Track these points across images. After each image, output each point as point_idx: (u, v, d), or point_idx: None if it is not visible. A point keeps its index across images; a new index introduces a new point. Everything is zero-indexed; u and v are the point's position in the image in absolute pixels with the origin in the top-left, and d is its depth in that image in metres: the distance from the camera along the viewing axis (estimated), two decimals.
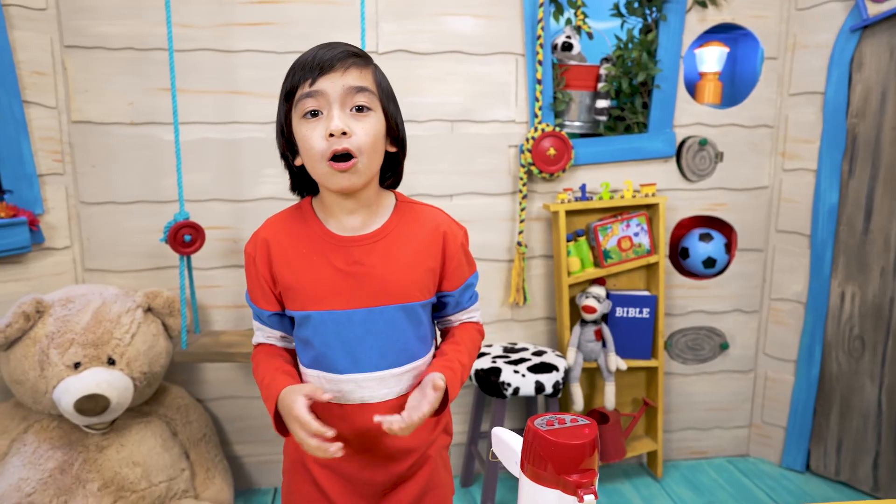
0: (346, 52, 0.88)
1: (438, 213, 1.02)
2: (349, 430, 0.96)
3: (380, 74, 0.93)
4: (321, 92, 0.86)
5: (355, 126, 0.87)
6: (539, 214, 2.01)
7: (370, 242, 0.94)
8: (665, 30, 1.94)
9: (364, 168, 0.89)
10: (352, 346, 0.94)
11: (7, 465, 1.55)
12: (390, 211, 0.98)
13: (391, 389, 0.97)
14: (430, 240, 0.97)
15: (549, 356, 1.87)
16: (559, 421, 0.54)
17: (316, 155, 0.87)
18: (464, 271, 1.03)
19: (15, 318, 1.52)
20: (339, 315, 0.93)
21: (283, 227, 0.97)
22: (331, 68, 0.86)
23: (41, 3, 1.70)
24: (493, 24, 1.89)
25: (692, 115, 2.03)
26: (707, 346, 2.17)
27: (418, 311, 0.97)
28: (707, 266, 2.09)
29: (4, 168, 1.67)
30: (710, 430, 2.24)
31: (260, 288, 0.98)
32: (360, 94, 0.88)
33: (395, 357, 0.96)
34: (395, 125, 0.95)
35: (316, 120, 0.87)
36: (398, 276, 0.94)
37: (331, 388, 0.96)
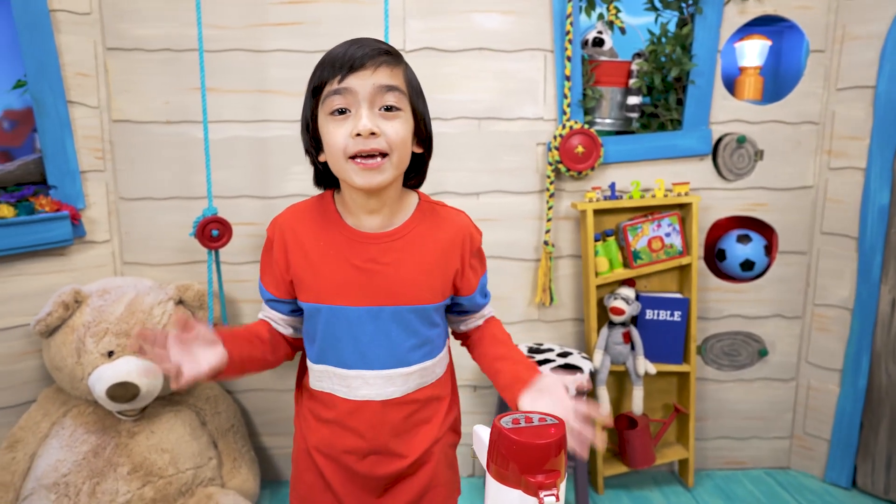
0: (378, 50, 0.86)
1: (462, 216, 1.01)
2: (355, 424, 0.97)
3: (410, 73, 0.92)
4: (350, 90, 0.85)
5: (384, 126, 0.85)
6: (567, 213, 1.97)
7: (388, 241, 0.93)
8: (701, 23, 1.88)
9: (391, 168, 0.87)
10: (361, 343, 0.94)
11: (47, 447, 1.63)
12: (412, 211, 0.97)
13: (398, 388, 0.96)
14: (450, 243, 0.96)
15: (574, 358, 1.84)
16: (526, 420, 0.53)
17: (341, 153, 0.86)
18: (477, 273, 1.02)
19: (55, 307, 1.60)
20: (349, 311, 0.93)
21: (304, 217, 0.97)
22: (361, 66, 0.84)
23: (85, 8, 1.79)
24: (522, 21, 1.86)
25: (730, 111, 1.95)
26: (744, 352, 2.08)
27: (431, 313, 0.97)
28: (745, 269, 2.00)
29: (49, 165, 1.76)
30: (748, 439, 2.14)
31: (272, 273, 0.98)
32: (390, 93, 0.86)
33: (404, 356, 0.96)
34: (423, 126, 0.93)
35: (343, 118, 0.86)
36: (413, 278, 0.93)
37: (338, 381, 0.96)
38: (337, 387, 0.97)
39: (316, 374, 0.99)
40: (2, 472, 1.62)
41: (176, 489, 1.63)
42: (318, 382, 0.99)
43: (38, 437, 1.66)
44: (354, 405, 0.96)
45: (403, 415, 0.98)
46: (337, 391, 0.97)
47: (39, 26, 1.70)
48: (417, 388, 0.98)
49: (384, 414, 0.96)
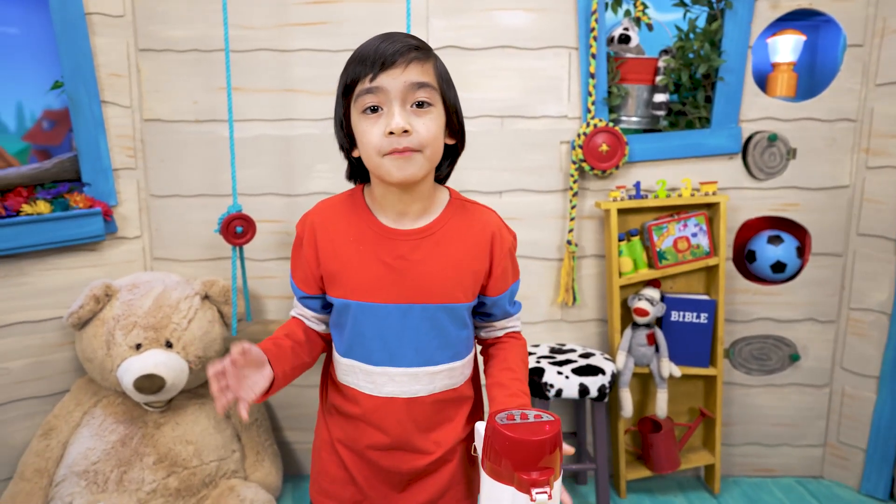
0: (408, 46, 0.86)
1: (491, 214, 1.00)
2: (380, 420, 0.97)
3: (441, 65, 0.91)
4: (381, 88, 0.85)
5: (416, 123, 0.86)
6: (591, 213, 1.95)
7: (418, 238, 0.93)
8: (731, 18, 1.83)
9: (424, 161, 0.88)
10: (388, 339, 0.94)
11: (78, 435, 1.69)
12: (442, 208, 0.96)
13: (424, 387, 0.96)
14: (479, 241, 0.95)
15: (596, 359, 1.81)
16: (522, 416, 0.52)
17: (375, 151, 0.87)
18: (508, 278, 1.01)
19: (86, 300, 1.66)
20: (378, 308, 0.93)
21: (334, 213, 0.97)
22: (392, 63, 0.84)
23: (119, 10, 1.84)
24: (546, 18, 1.85)
25: (761, 108, 1.90)
26: (774, 357, 2.02)
27: (460, 312, 0.96)
28: (776, 271, 1.95)
29: (84, 163, 1.82)
30: (777, 446, 2.08)
31: (302, 269, 0.98)
32: (422, 89, 0.86)
33: (431, 355, 0.95)
34: (455, 118, 0.93)
35: (376, 116, 0.86)
36: (443, 275, 0.93)
37: (364, 377, 0.96)
38: (362, 382, 0.97)
39: (343, 368, 0.99)
40: (37, 459, 1.68)
41: (200, 480, 1.67)
42: (345, 377, 0.99)
43: (70, 426, 1.72)
44: (379, 402, 0.96)
45: (428, 414, 0.97)
46: (362, 387, 0.97)
47: (76, 29, 1.76)
48: (444, 390, 0.98)
49: (409, 412, 0.96)
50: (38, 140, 1.95)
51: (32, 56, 1.84)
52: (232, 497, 1.65)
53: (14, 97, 1.87)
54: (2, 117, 1.87)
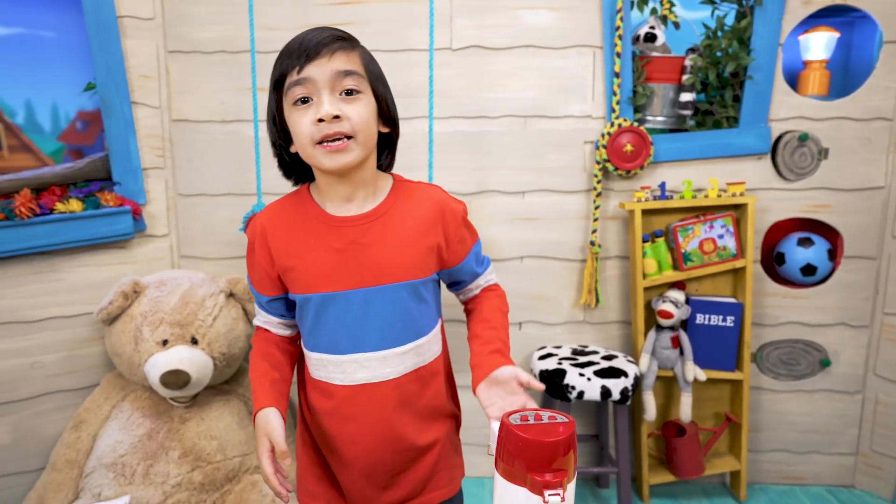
0: (332, 37, 0.88)
1: (436, 189, 1.02)
2: (357, 409, 0.97)
3: (367, 56, 0.94)
4: (309, 79, 0.87)
5: (346, 109, 0.88)
6: (615, 213, 1.93)
7: (366, 222, 0.95)
8: (761, 15, 1.79)
9: (357, 148, 0.89)
10: (352, 326, 0.95)
11: (107, 428, 1.73)
12: (387, 192, 0.99)
13: (394, 368, 0.97)
14: (428, 218, 0.97)
15: (619, 361, 1.79)
16: (535, 417, 0.52)
17: (307, 140, 0.88)
18: (466, 244, 1.03)
19: (115, 296, 1.69)
20: (337, 296, 0.94)
21: (280, 212, 0.99)
22: (317, 54, 0.87)
23: (149, 13, 1.88)
24: (570, 17, 1.83)
25: (792, 107, 1.85)
26: (804, 362, 1.97)
27: (419, 288, 0.97)
28: (806, 274, 1.90)
29: (115, 162, 1.86)
30: (807, 454, 2.03)
31: (258, 273, 1.00)
32: (349, 77, 0.88)
33: (397, 336, 0.96)
34: (385, 106, 0.95)
35: (306, 106, 0.88)
36: (396, 255, 0.95)
37: (333, 368, 0.97)
38: (333, 374, 0.98)
39: (313, 363, 1.00)
40: (68, 450, 1.72)
41: (223, 475, 1.69)
42: (316, 371, 1.00)
43: (100, 419, 1.76)
44: (351, 390, 0.97)
45: (402, 396, 0.98)
46: (334, 378, 0.98)
47: (108, 32, 1.80)
48: (414, 368, 0.99)
49: (383, 396, 0.97)
50: (72, 140, 2.00)
51: (67, 59, 1.89)
52: (254, 492, 1.67)
53: (49, 99, 1.92)
54: (38, 118, 1.92)
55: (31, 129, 1.91)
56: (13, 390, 1.77)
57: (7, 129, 1.89)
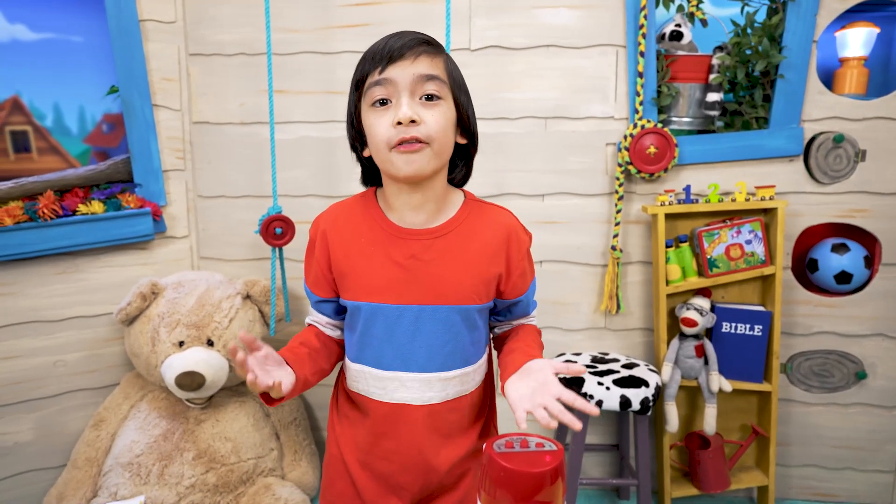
0: (417, 40, 0.86)
1: (508, 215, 0.97)
2: (391, 428, 0.95)
3: (451, 64, 0.90)
4: (390, 80, 0.84)
5: (425, 114, 0.84)
6: (637, 217, 1.87)
7: (431, 238, 0.91)
8: (794, 11, 1.71)
9: (431, 155, 0.86)
10: (400, 343, 0.92)
11: (125, 428, 1.75)
12: (457, 208, 0.95)
13: (436, 393, 0.94)
14: (495, 243, 0.93)
15: (640, 370, 1.74)
16: (522, 443, 0.48)
17: (382, 143, 0.85)
18: (526, 279, 0.98)
19: (134, 297, 1.71)
20: (389, 309, 0.91)
21: (345, 214, 0.96)
22: (400, 56, 0.84)
23: (171, 17, 1.90)
24: (592, 15, 1.78)
25: (826, 107, 1.77)
26: (838, 374, 1.88)
27: (474, 315, 0.93)
28: (840, 281, 1.81)
29: (136, 164, 1.89)
30: (841, 470, 1.94)
31: (315, 272, 0.98)
32: (431, 82, 0.85)
33: (444, 360, 0.93)
34: (465, 116, 0.91)
35: (384, 108, 0.85)
36: (456, 277, 0.91)
37: (374, 383, 0.94)
38: (373, 389, 0.95)
39: (353, 374, 0.98)
40: (88, 448, 1.75)
41: (237, 477, 1.69)
42: (355, 383, 0.98)
43: (118, 418, 1.78)
44: (390, 409, 0.94)
45: (440, 423, 0.95)
46: (373, 394, 0.95)
47: (130, 35, 1.83)
48: (456, 397, 0.95)
49: (420, 420, 0.94)
50: (98, 142, 2.03)
51: (93, 62, 1.92)
52: (267, 495, 1.67)
53: (77, 101, 1.95)
54: (65, 121, 1.96)
55: (58, 131, 1.95)
56: (37, 388, 1.80)
57: (36, 131, 1.93)
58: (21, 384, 1.78)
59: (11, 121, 1.88)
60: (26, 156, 1.90)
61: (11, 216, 1.67)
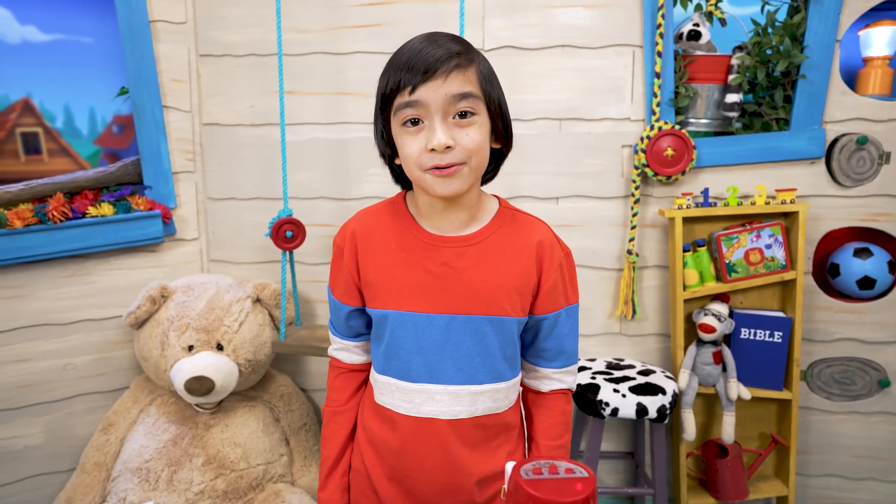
0: (449, 53, 0.80)
1: (543, 226, 0.94)
2: (418, 444, 0.91)
3: (484, 66, 0.86)
4: (421, 101, 0.80)
5: (459, 135, 0.82)
6: (654, 221, 1.83)
7: (464, 245, 0.89)
8: (816, 9, 1.67)
9: (469, 174, 0.84)
10: (429, 353, 0.89)
11: (134, 432, 1.73)
12: (491, 216, 0.92)
13: (465, 408, 0.90)
14: (529, 252, 0.90)
15: (656, 377, 1.70)
16: (551, 469, 0.45)
17: (415, 165, 0.83)
18: (559, 296, 0.93)
19: (143, 301, 1.69)
20: (419, 318, 0.88)
21: (374, 221, 0.94)
22: (433, 74, 0.79)
23: (181, 17, 1.88)
24: (608, 15, 1.75)
25: (850, 108, 1.72)
26: (860, 382, 1.83)
27: (507, 326, 0.90)
28: (863, 287, 1.77)
29: (146, 166, 1.87)
30: (863, 480, 1.89)
31: (344, 280, 0.95)
32: (464, 100, 0.81)
33: (475, 373, 0.89)
34: (500, 124, 0.88)
35: (416, 129, 0.82)
36: (489, 285, 0.88)
37: (400, 396, 0.91)
38: (399, 402, 0.92)
39: (379, 387, 0.95)
40: (97, 453, 1.73)
41: (246, 483, 1.67)
42: (381, 396, 0.95)
43: (127, 422, 1.77)
44: (416, 423, 0.91)
45: (469, 440, 0.91)
46: (399, 407, 0.92)
47: (140, 36, 1.81)
48: (487, 413, 0.91)
49: (448, 436, 0.90)
50: (108, 144, 2.02)
51: (104, 63, 1.91)
52: (277, 501, 1.64)
53: (87, 103, 1.94)
54: (76, 123, 1.94)
55: (69, 133, 1.93)
56: (47, 391, 1.79)
57: (47, 133, 1.92)
58: (31, 387, 1.77)
59: (22, 122, 1.87)
60: (37, 157, 1.89)
61: (21, 219, 1.66)
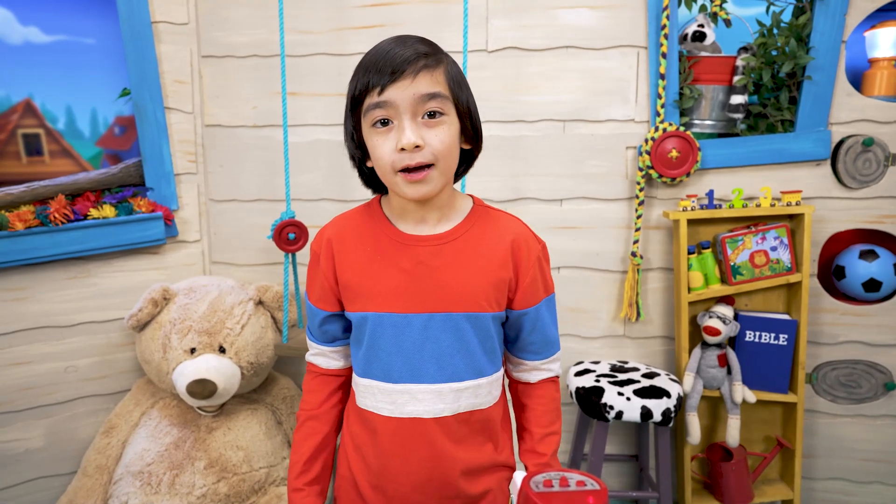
0: (416, 54, 0.82)
1: (516, 222, 0.95)
2: (401, 446, 0.91)
3: (452, 69, 0.87)
4: (390, 102, 0.82)
5: (428, 135, 0.83)
6: (658, 223, 1.82)
7: (439, 243, 0.89)
8: (822, 10, 1.66)
9: (438, 177, 0.85)
10: (409, 353, 0.89)
11: (136, 435, 1.72)
12: (465, 214, 0.93)
13: (448, 405, 0.90)
14: (504, 248, 0.91)
15: (661, 380, 1.69)
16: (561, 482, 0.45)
17: (387, 166, 0.84)
18: (538, 289, 0.94)
19: (145, 303, 1.69)
20: (397, 318, 0.89)
21: (349, 225, 0.95)
22: (400, 75, 0.81)
23: (184, 18, 1.87)
24: (612, 15, 1.74)
25: (855, 110, 1.71)
26: (865, 384, 1.82)
27: (486, 322, 0.90)
28: (869, 289, 1.76)
29: (148, 167, 1.86)
30: (868, 483, 1.88)
31: (321, 286, 0.95)
32: (433, 100, 0.83)
33: (455, 370, 0.90)
34: (469, 125, 0.89)
35: (386, 129, 0.83)
36: (466, 282, 0.88)
37: (383, 398, 0.91)
38: (381, 404, 0.92)
39: (361, 390, 0.95)
40: (98, 456, 1.73)
41: (249, 487, 1.66)
42: (363, 399, 0.95)
43: (129, 425, 1.76)
44: (399, 424, 0.91)
45: (454, 436, 0.91)
46: (381, 409, 0.92)
47: (142, 37, 1.80)
48: (470, 409, 0.92)
49: (432, 433, 0.90)
50: (110, 145, 2.01)
51: (106, 64, 1.90)
52: None
53: (89, 104, 1.93)
54: (78, 124, 1.94)
55: (71, 134, 1.93)
56: (48, 394, 1.78)
57: (48, 134, 1.91)
58: (32, 390, 1.76)
59: (24, 123, 1.86)
60: (38, 159, 1.88)
61: (23, 221, 1.65)
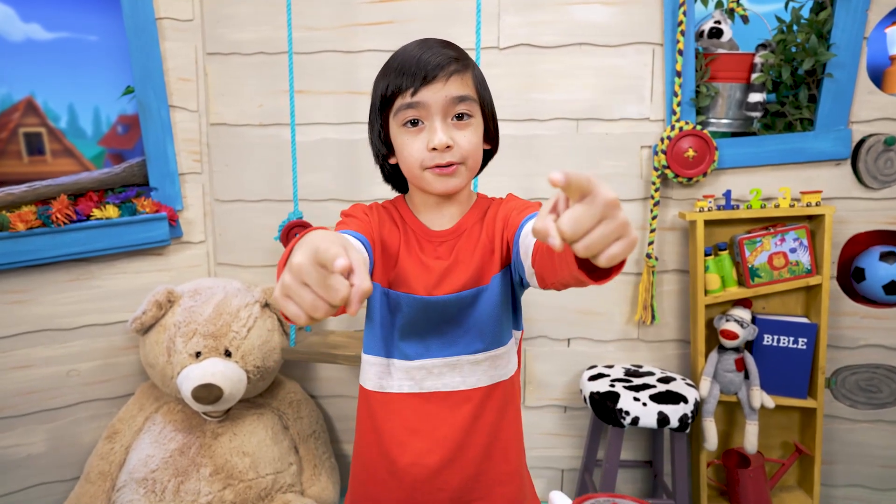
0: (448, 58, 0.85)
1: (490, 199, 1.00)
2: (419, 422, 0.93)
3: (478, 72, 0.92)
4: (423, 103, 0.85)
5: (457, 136, 0.87)
6: (674, 224, 1.78)
7: (453, 238, 0.94)
8: (843, 6, 1.62)
9: (465, 173, 0.90)
10: (424, 330, 0.92)
11: (140, 441, 1.69)
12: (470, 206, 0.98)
13: (466, 378, 0.92)
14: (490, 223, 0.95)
15: (677, 384, 1.65)
16: None
17: (416, 164, 0.88)
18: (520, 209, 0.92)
19: (149, 306, 1.65)
20: (414, 299, 0.91)
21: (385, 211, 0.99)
22: (434, 78, 0.84)
23: (188, 15, 1.83)
24: (627, 12, 1.70)
25: (877, 108, 1.67)
26: (886, 389, 1.78)
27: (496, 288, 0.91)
28: (890, 292, 1.71)
29: (151, 167, 1.83)
30: (889, 491, 1.84)
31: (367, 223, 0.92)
32: (462, 103, 0.87)
33: (470, 342, 0.92)
34: (492, 124, 0.94)
35: (417, 130, 0.87)
36: (474, 264, 0.92)
37: (402, 375, 0.93)
38: (397, 381, 0.94)
39: (376, 370, 0.96)
40: (101, 462, 1.69)
41: (255, 493, 1.63)
42: (378, 380, 0.96)
43: (133, 430, 1.72)
44: (417, 401, 0.92)
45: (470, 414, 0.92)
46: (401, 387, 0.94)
47: (146, 34, 1.77)
48: (491, 382, 0.93)
49: (449, 410, 0.92)
50: (113, 144, 1.97)
51: (109, 62, 1.86)
52: None
53: (91, 103, 1.89)
54: (80, 123, 1.90)
55: (73, 133, 1.89)
56: (50, 398, 1.75)
57: (50, 133, 1.87)
58: (34, 394, 1.72)
59: (25, 122, 1.82)
60: (40, 158, 1.84)
61: (24, 221, 1.61)
